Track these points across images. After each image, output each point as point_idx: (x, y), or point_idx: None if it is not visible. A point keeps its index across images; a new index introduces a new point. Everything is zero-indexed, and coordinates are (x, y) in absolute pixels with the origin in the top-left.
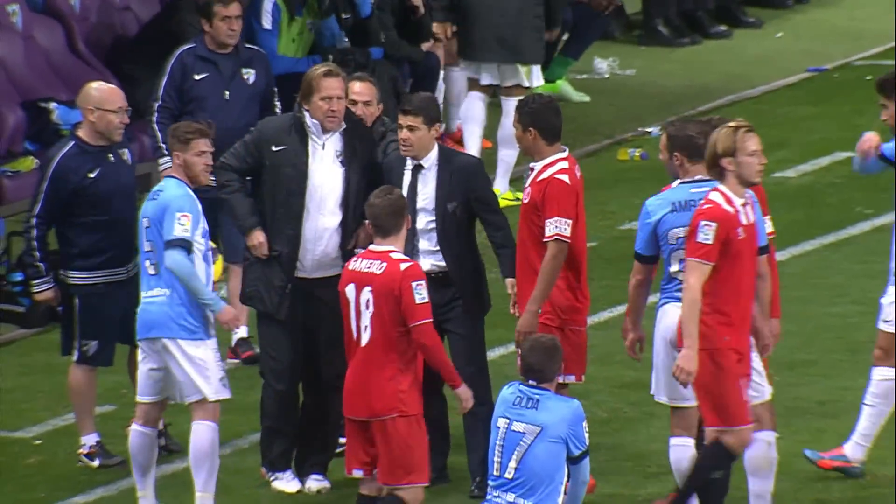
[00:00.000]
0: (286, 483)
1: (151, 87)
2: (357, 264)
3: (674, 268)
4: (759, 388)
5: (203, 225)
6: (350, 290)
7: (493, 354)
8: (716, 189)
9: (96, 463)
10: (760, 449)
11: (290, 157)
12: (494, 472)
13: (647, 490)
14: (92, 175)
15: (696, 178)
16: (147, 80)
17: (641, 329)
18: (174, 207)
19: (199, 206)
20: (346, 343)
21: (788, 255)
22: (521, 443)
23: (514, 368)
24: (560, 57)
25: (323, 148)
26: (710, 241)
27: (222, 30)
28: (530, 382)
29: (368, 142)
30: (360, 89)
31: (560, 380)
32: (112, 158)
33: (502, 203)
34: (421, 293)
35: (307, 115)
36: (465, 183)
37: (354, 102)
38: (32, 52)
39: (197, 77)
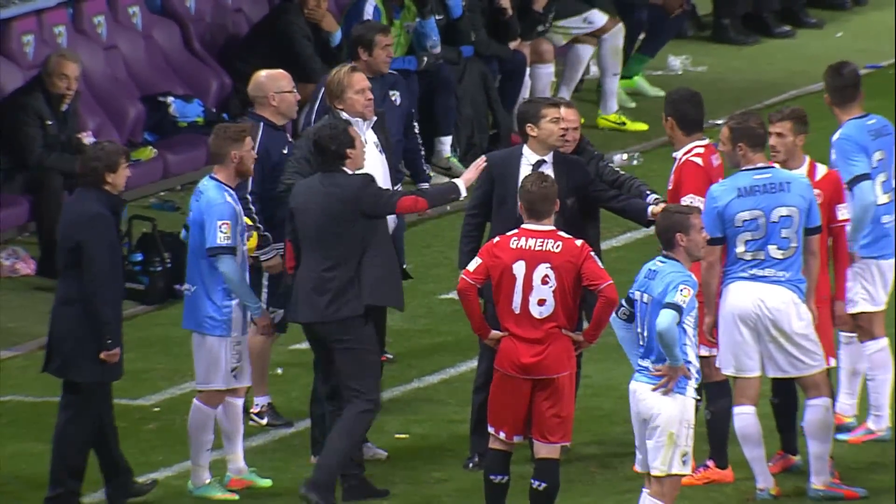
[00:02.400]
0: None
1: None
2: (522, 242)
3: (739, 249)
4: (817, 358)
5: (241, 223)
6: (519, 267)
7: None
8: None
9: (264, 421)
10: (819, 413)
11: None
12: (640, 343)
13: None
14: (285, 151)
15: (759, 165)
16: None
17: (716, 313)
18: (215, 215)
19: (237, 206)
20: (499, 314)
21: None
22: (646, 312)
23: None
24: (637, 55)
25: (365, 142)
26: None
27: (381, 57)
28: (664, 253)
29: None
30: (567, 114)
31: None
32: (290, 138)
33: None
34: (598, 260)
35: (343, 114)
36: (580, 178)
37: (565, 129)
38: (151, 50)
39: None
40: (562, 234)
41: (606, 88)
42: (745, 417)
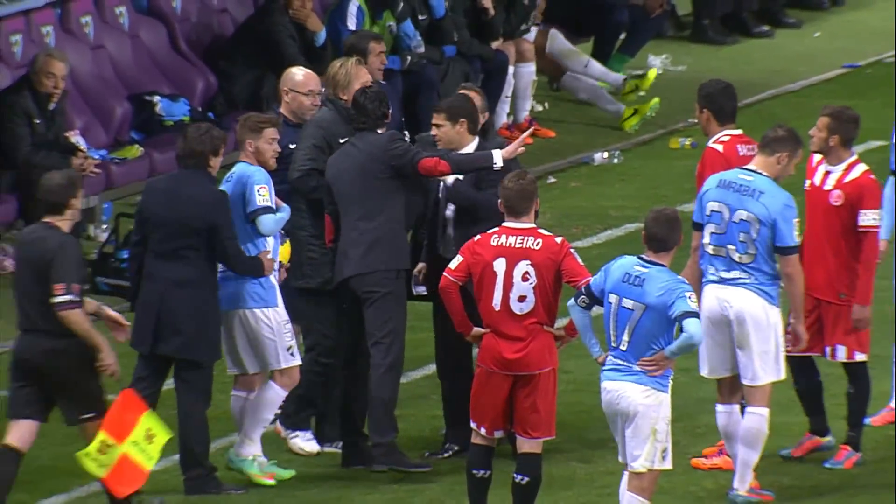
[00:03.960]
0: (305, 442)
1: (246, 83)
2: (503, 240)
3: (705, 239)
4: (770, 371)
5: (274, 197)
6: (500, 264)
7: None
8: None
9: None
10: (755, 422)
11: None
12: (612, 344)
13: (696, 448)
14: (292, 146)
15: (750, 167)
16: (242, 76)
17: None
18: (253, 182)
19: (271, 182)
20: (481, 310)
21: None
22: (631, 318)
23: None
24: (618, 55)
25: None
26: None
27: (375, 65)
28: (642, 257)
29: None
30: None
31: None
32: None
33: None
34: (578, 257)
35: (345, 104)
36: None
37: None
38: (138, 49)
39: None
40: (542, 231)
41: (594, 75)
42: (724, 416)
